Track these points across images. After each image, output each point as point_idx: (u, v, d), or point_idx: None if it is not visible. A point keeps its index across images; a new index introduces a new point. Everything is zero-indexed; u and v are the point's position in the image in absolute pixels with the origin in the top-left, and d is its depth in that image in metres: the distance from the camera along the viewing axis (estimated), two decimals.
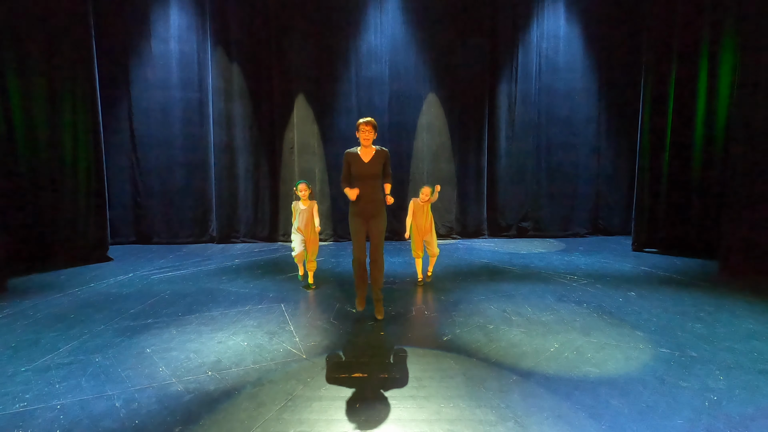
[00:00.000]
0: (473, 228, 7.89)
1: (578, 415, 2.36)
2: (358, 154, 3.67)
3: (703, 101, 6.24)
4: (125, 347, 3.24)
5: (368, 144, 3.63)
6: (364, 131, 3.58)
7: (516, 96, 7.79)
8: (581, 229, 8.01)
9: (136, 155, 7.33)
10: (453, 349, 3.21)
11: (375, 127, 3.61)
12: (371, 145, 3.66)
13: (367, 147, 3.65)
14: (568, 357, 3.05)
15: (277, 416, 2.37)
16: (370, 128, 3.58)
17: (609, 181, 8.04)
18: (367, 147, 3.65)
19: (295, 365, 2.97)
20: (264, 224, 7.63)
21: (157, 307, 4.14)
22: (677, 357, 3.04)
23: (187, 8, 7.23)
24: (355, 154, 3.68)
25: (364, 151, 3.68)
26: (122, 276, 5.29)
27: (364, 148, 3.67)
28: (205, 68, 7.33)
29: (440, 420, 2.33)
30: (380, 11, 7.46)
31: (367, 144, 3.62)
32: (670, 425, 2.26)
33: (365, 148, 3.67)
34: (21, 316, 3.92)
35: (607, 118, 7.93)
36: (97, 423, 2.31)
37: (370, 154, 3.67)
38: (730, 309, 4.00)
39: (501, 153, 7.89)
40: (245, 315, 3.93)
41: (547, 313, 3.93)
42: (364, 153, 3.67)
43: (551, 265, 5.76)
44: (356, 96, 7.56)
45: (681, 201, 6.53)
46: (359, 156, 3.66)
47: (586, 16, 7.68)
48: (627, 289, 4.67)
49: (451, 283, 4.95)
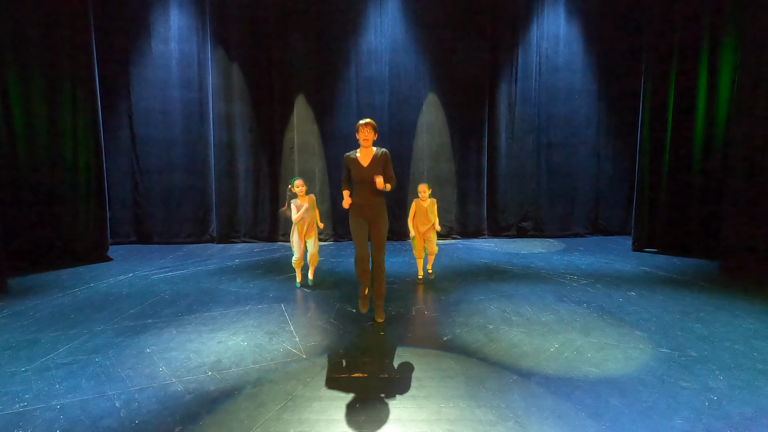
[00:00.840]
0: (473, 228, 7.89)
1: (578, 415, 2.36)
2: (357, 158, 3.60)
3: (703, 101, 6.24)
4: (125, 347, 3.24)
5: (368, 145, 3.56)
6: (363, 132, 3.52)
7: (516, 96, 7.79)
8: (581, 229, 8.01)
9: (136, 155, 7.34)
10: (453, 349, 3.21)
11: (375, 128, 3.56)
12: (371, 147, 3.59)
13: (367, 148, 3.59)
14: (568, 357, 3.05)
15: (277, 416, 2.36)
16: (369, 129, 3.52)
17: (609, 181, 8.04)
18: (367, 148, 3.59)
19: (295, 365, 2.97)
20: (264, 224, 7.63)
21: (157, 307, 4.15)
22: (677, 357, 3.04)
23: (187, 8, 7.23)
24: (353, 159, 3.60)
25: (364, 154, 3.61)
26: (122, 276, 5.29)
27: (363, 149, 3.61)
28: (205, 68, 7.33)
29: (440, 420, 2.32)
30: (380, 11, 7.47)
31: (366, 145, 3.56)
32: (670, 425, 2.26)
33: (365, 149, 3.60)
34: (21, 316, 3.92)
35: (607, 118, 7.93)
36: (97, 423, 2.31)
37: (370, 156, 3.59)
38: (730, 309, 4.00)
39: (501, 153, 7.89)
40: (245, 315, 3.93)
41: (547, 313, 3.93)
42: (364, 156, 3.60)
43: (551, 265, 5.76)
44: (356, 96, 7.56)
45: (681, 201, 6.53)
46: (358, 160, 3.59)
47: (586, 16, 7.68)
48: (627, 289, 4.67)
49: (451, 283, 4.95)
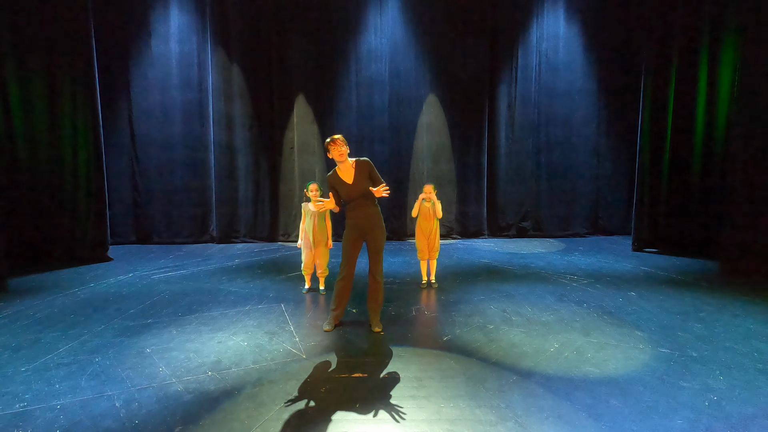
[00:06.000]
0: (473, 228, 7.89)
1: (578, 415, 2.36)
2: (339, 176, 3.42)
3: (703, 101, 6.24)
4: (125, 347, 3.24)
5: (344, 159, 3.37)
6: (335, 149, 3.32)
7: (516, 96, 7.79)
8: (581, 229, 8.02)
9: (136, 155, 7.34)
10: (453, 349, 3.20)
11: (344, 141, 3.38)
12: (347, 160, 3.40)
13: (344, 162, 3.40)
14: (568, 357, 3.05)
15: (277, 416, 2.36)
16: (340, 143, 3.33)
17: (609, 181, 8.05)
18: (344, 162, 3.40)
19: (295, 365, 2.96)
20: (264, 224, 7.63)
21: (157, 307, 4.14)
22: (677, 357, 3.04)
23: (187, 8, 7.24)
24: (336, 177, 3.43)
25: (344, 169, 3.42)
26: (122, 276, 5.29)
27: (342, 165, 3.42)
28: (205, 68, 7.33)
29: (440, 420, 2.32)
30: (380, 11, 7.47)
31: (343, 160, 3.36)
32: (670, 425, 2.26)
33: (343, 164, 3.41)
34: (21, 316, 3.91)
35: (607, 118, 7.93)
36: (97, 423, 2.31)
37: (351, 170, 3.41)
38: (730, 309, 4.00)
39: (501, 153, 7.89)
40: (245, 315, 3.93)
41: (547, 313, 3.93)
42: (345, 172, 3.42)
43: (551, 265, 5.76)
44: (356, 96, 7.56)
45: (681, 201, 6.54)
46: (341, 178, 3.42)
47: (586, 16, 7.68)
48: (627, 289, 4.67)
49: (451, 283, 4.95)
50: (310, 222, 4.45)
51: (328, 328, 3.59)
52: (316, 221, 4.44)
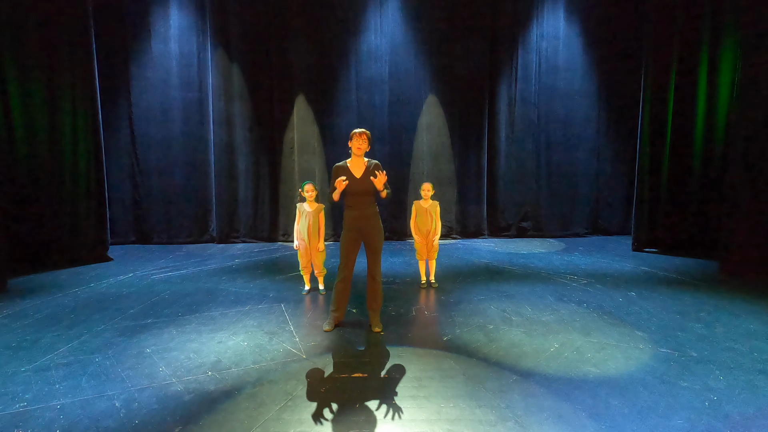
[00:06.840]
0: (473, 228, 7.89)
1: (578, 415, 2.36)
2: (349, 168, 3.44)
3: (703, 101, 6.24)
4: (125, 347, 3.24)
5: (360, 154, 3.42)
6: (357, 141, 3.38)
7: (516, 96, 7.79)
8: (581, 229, 8.02)
9: (136, 155, 7.33)
10: (453, 349, 3.20)
11: (370, 138, 3.44)
12: (362, 157, 3.47)
13: (359, 157, 3.45)
14: (568, 357, 3.05)
15: (277, 416, 2.36)
16: (364, 138, 3.40)
17: (609, 181, 8.04)
18: (359, 157, 3.45)
19: (295, 365, 2.97)
20: (264, 224, 7.63)
21: (157, 307, 4.14)
22: (677, 357, 3.04)
23: (187, 8, 7.23)
24: (345, 169, 3.44)
25: (356, 163, 3.46)
26: (122, 276, 5.29)
27: (355, 159, 3.46)
28: (205, 68, 7.33)
29: (440, 420, 2.32)
30: (380, 11, 7.47)
31: (359, 154, 3.42)
32: (670, 425, 2.26)
33: (356, 159, 3.46)
34: (21, 316, 3.92)
35: (607, 118, 7.93)
36: (97, 423, 2.31)
37: (362, 167, 3.45)
38: (730, 309, 4.00)
39: (501, 153, 7.89)
40: (245, 315, 3.93)
41: (547, 313, 3.93)
42: (356, 166, 3.45)
43: (551, 265, 5.76)
44: (356, 96, 7.56)
45: (681, 201, 6.54)
46: (350, 171, 3.43)
47: (585, 16, 7.68)
48: (627, 289, 4.67)
49: (451, 283, 4.95)
50: (305, 222, 4.44)
51: (328, 328, 3.59)
52: (310, 222, 4.43)
